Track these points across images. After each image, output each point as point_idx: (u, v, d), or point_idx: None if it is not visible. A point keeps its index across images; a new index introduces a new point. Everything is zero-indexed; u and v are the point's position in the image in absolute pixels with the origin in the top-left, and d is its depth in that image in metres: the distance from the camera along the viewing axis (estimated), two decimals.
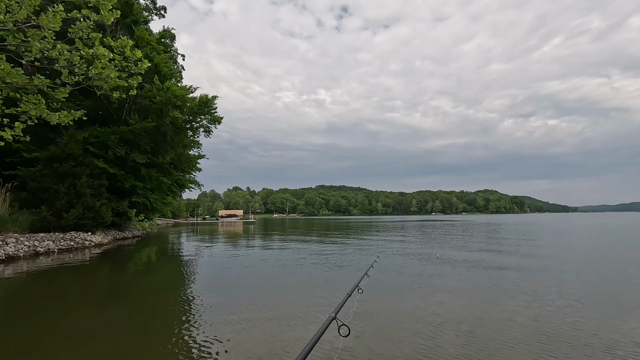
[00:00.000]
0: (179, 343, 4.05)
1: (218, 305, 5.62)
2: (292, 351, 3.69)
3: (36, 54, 9.28)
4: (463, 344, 3.86)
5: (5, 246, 10.35)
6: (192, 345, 3.97)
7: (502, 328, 4.38)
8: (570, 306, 5.37)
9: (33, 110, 10.29)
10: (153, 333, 4.50)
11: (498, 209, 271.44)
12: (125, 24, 19.78)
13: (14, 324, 4.81)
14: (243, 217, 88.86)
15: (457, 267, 9.09)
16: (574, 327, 4.43)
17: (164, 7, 30.75)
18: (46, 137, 15.88)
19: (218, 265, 10.27)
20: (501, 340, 3.97)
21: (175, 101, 17.90)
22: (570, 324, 4.52)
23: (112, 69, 10.49)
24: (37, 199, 13.76)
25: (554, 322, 4.61)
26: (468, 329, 4.31)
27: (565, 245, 15.06)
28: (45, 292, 6.87)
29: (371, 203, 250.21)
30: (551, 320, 4.66)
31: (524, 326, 4.45)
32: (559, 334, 4.15)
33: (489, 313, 5.03)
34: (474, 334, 4.16)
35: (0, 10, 8.30)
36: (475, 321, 4.65)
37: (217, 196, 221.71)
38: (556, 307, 5.30)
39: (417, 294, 6.09)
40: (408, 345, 3.84)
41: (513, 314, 4.96)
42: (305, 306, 5.38)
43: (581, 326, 4.45)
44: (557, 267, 9.18)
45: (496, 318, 4.78)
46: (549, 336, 4.09)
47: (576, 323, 4.58)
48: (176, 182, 22.52)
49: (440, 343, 3.88)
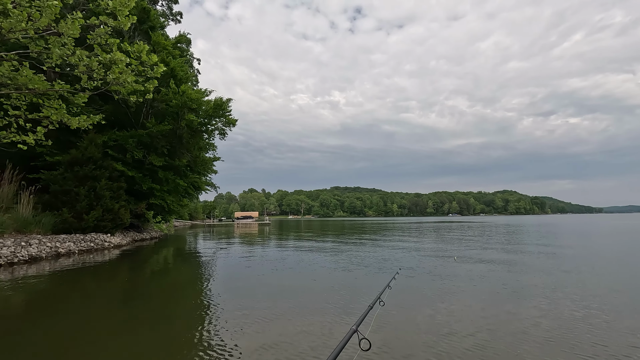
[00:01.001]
0: (195, 346, 4.04)
1: (234, 308, 5.58)
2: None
3: (56, 60, 9.54)
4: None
5: (28, 247, 10.67)
6: (207, 348, 3.95)
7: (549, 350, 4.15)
8: (595, 316, 5.08)
9: (54, 115, 10.60)
10: (169, 334, 4.52)
11: (518, 210, 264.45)
12: (143, 30, 20.21)
13: (35, 323, 4.91)
14: (258, 218, 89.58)
15: (482, 275, 8.74)
16: (600, 341, 4.18)
17: (180, 12, 31.36)
18: (68, 142, 16.34)
19: (234, 267, 10.30)
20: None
21: (190, 104, 18.16)
22: (596, 337, 4.27)
23: (129, 74, 10.72)
24: (59, 201, 14.18)
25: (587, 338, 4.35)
26: (502, 348, 3.94)
27: (591, 248, 14.43)
28: (67, 292, 7.01)
29: (386, 204, 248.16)
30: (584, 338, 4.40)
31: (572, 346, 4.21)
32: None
33: (527, 331, 4.78)
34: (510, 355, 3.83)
35: (22, 19, 8.58)
36: (514, 341, 4.22)
37: (233, 198, 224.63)
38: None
39: (442, 308, 5.52)
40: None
41: (552, 329, 4.71)
42: (322, 313, 5.24)
43: (608, 340, 4.19)
44: (585, 272, 8.77)
45: (540, 339, 4.49)
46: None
47: (603, 336, 4.31)
48: (192, 184, 22.82)
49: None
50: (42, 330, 4.62)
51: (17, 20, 8.50)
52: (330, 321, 4.87)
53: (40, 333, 4.50)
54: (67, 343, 4.21)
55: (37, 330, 4.59)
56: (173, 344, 4.16)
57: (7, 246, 10.07)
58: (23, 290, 7.04)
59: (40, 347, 4.06)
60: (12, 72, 9.44)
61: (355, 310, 5.32)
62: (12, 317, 5.37)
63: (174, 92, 18.10)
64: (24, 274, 8.51)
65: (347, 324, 4.67)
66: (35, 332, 4.52)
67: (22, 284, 7.55)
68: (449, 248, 14.56)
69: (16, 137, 9.99)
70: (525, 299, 5.99)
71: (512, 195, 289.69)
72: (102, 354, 3.88)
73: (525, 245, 15.44)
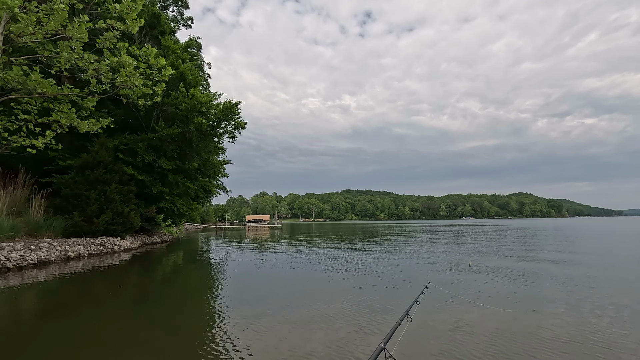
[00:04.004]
0: (205, 351, 3.94)
1: (247, 314, 5.39)
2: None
3: (64, 64, 9.57)
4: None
5: (38, 251, 10.70)
6: (219, 355, 3.84)
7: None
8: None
9: (64, 119, 10.65)
10: (180, 337, 4.43)
11: (533, 212, 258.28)
12: (154, 35, 20.39)
13: (44, 327, 4.79)
14: (269, 222, 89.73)
15: (509, 283, 8.26)
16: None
17: (190, 17, 31.72)
18: (82, 146, 16.51)
19: (245, 271, 10.14)
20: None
21: (200, 107, 18.17)
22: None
23: (138, 77, 10.69)
24: (70, 205, 14.27)
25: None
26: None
27: (612, 253, 13.73)
28: (75, 296, 6.90)
29: (398, 207, 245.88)
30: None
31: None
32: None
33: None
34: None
35: (31, 23, 8.62)
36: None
37: (245, 201, 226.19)
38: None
39: (474, 325, 4.85)
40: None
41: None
42: (336, 322, 4.97)
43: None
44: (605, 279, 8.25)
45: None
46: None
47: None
48: (202, 188, 22.85)
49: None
50: (53, 335, 4.51)
51: (25, 24, 8.54)
52: (349, 332, 4.56)
53: (52, 338, 4.40)
54: (75, 347, 4.10)
55: (47, 336, 4.46)
56: (186, 350, 4.04)
57: (16, 250, 10.10)
58: (33, 294, 6.98)
59: (49, 350, 3.98)
60: (22, 77, 9.49)
61: (373, 320, 5.05)
62: (22, 322, 5.27)
63: (184, 95, 18.16)
64: (33, 278, 8.46)
65: (367, 336, 4.40)
66: (47, 337, 4.40)
67: (32, 288, 7.51)
68: (473, 253, 14.06)
69: (26, 141, 10.04)
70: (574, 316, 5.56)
71: (528, 198, 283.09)
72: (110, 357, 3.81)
73: (548, 253, 14.80)
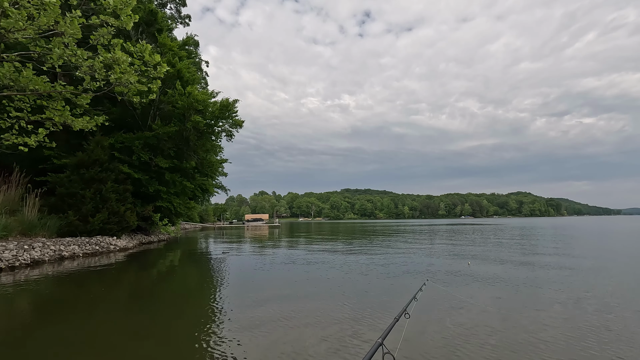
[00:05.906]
0: (202, 351, 3.86)
1: (245, 314, 5.32)
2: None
3: (57, 60, 9.39)
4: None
5: (31, 250, 10.54)
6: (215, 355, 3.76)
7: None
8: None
9: (58, 116, 10.47)
10: (176, 339, 4.37)
11: (532, 211, 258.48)
12: (150, 33, 20.18)
13: (37, 327, 4.68)
14: (268, 221, 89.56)
15: (507, 283, 8.11)
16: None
17: (188, 15, 31.49)
18: (77, 145, 16.31)
19: (243, 270, 10.06)
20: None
21: (196, 105, 17.99)
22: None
23: (132, 74, 10.51)
24: (65, 204, 14.10)
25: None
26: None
27: (612, 252, 13.63)
28: (69, 296, 6.76)
29: (397, 206, 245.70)
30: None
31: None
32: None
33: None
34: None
35: (22, 18, 8.43)
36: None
37: (244, 200, 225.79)
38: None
39: (471, 322, 4.85)
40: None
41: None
42: (340, 321, 4.87)
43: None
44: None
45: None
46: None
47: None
48: (200, 187, 22.66)
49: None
50: (46, 337, 4.39)
51: (16, 19, 8.36)
52: (347, 329, 4.53)
53: (45, 340, 4.28)
54: (74, 351, 3.98)
55: (41, 338, 4.36)
56: (178, 350, 3.98)
57: (9, 249, 9.95)
58: (26, 295, 6.83)
59: (41, 352, 3.87)
60: (14, 74, 9.31)
61: (369, 315, 4.96)
62: (15, 324, 5.13)
63: (180, 93, 17.97)
64: (25, 278, 8.31)
65: (365, 332, 4.35)
66: (40, 340, 4.30)
67: (25, 288, 7.35)
68: (472, 254, 13.94)
69: (18, 139, 9.86)
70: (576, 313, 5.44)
71: (527, 197, 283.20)
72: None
73: (547, 255, 14.70)
